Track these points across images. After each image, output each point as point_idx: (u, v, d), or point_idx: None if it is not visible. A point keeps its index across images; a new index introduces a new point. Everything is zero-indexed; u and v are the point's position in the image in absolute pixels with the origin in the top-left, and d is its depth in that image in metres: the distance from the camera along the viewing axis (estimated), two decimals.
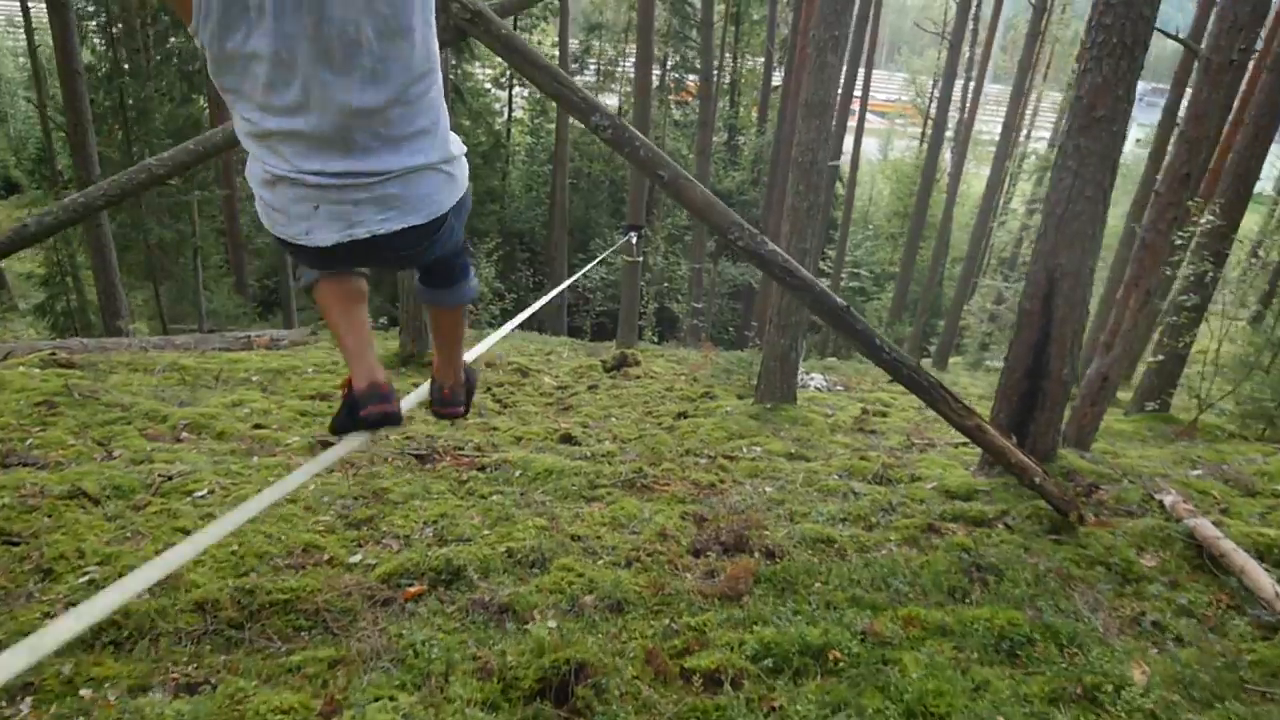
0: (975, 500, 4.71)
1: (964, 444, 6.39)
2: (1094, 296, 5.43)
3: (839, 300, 3.70)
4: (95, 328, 13.17)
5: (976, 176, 37.60)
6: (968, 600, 3.43)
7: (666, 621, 3.15)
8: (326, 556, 3.68)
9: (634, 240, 10.72)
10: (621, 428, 6.54)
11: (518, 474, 4.96)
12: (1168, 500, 4.36)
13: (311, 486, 4.72)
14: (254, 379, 8.25)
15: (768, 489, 4.96)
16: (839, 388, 10.25)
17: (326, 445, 6.00)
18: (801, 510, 4.47)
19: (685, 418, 7.00)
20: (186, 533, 3.86)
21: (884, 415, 7.52)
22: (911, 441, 6.34)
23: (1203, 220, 7.43)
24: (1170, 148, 8.62)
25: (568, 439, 5.97)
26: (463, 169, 1.90)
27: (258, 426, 6.07)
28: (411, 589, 3.31)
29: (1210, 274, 7.76)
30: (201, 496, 4.47)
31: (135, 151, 12.33)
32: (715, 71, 24.00)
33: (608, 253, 10.98)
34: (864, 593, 3.41)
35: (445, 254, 2.01)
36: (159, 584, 3.09)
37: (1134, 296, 6.70)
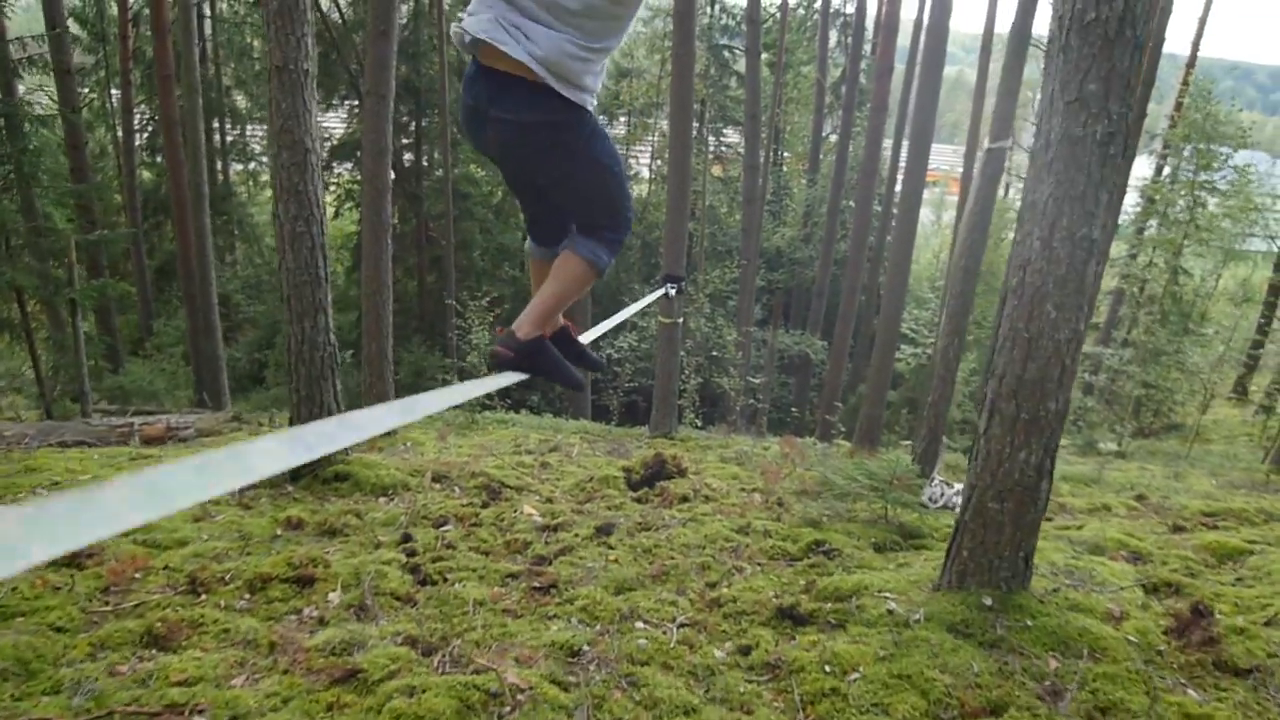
0: None
1: None
2: None
3: None
4: None
5: None
6: None
7: None
8: None
9: (672, 294, 7.10)
10: (655, 672, 2.77)
11: None
12: None
13: None
14: None
15: None
16: None
17: None
18: None
19: (796, 621, 3.21)
20: None
21: (1184, 593, 3.68)
22: None
23: None
24: None
25: None
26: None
27: None
28: None
29: None
30: None
31: None
32: (762, 111, 20.76)
33: (638, 305, 7.33)
34: None
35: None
36: None
37: None
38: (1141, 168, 26.74)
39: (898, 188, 22.77)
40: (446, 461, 5.96)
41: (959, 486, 6.58)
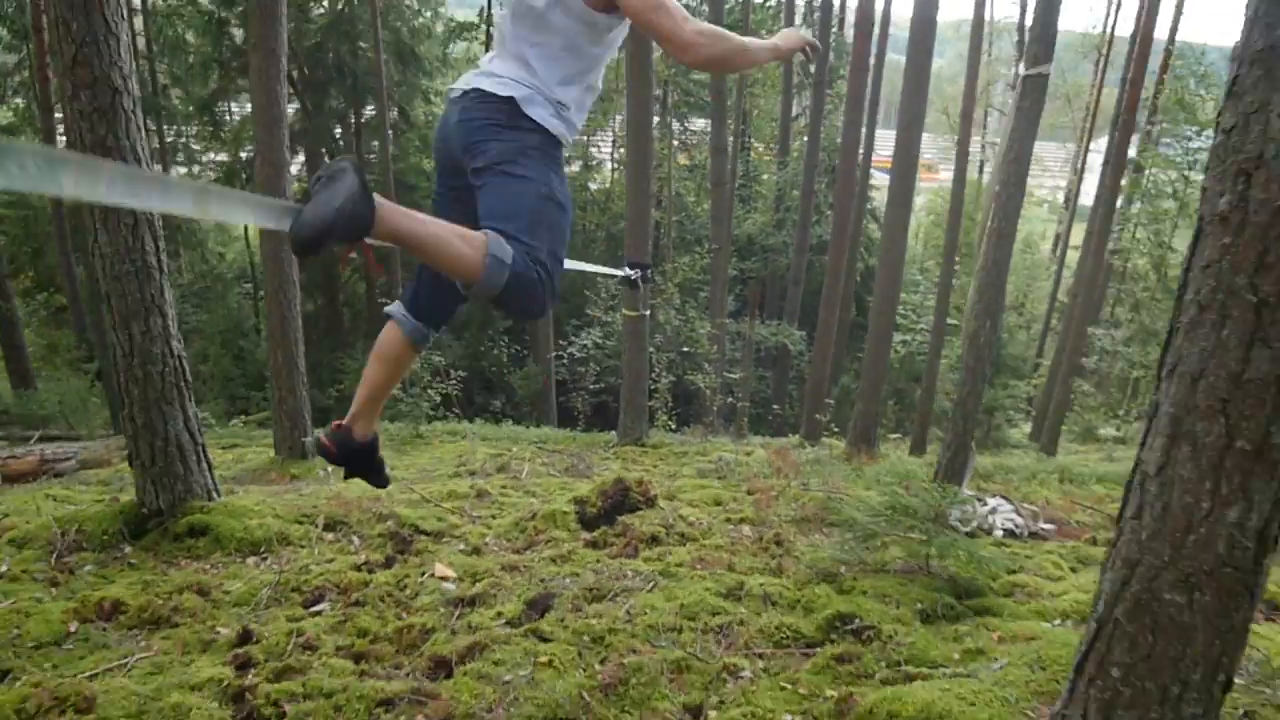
0: None
1: None
2: None
3: None
4: None
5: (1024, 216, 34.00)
6: None
7: None
8: None
9: (634, 278, 5.76)
10: None
11: None
12: None
13: None
14: None
15: None
16: (1047, 527, 5.20)
17: None
18: None
19: None
20: None
21: None
22: None
23: None
24: None
25: None
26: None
27: None
28: None
29: None
30: None
31: None
32: (728, 93, 19.55)
33: (601, 269, 6.02)
34: None
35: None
36: None
37: None
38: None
39: (873, 173, 21.72)
40: (347, 500, 4.63)
41: (994, 503, 5.35)
